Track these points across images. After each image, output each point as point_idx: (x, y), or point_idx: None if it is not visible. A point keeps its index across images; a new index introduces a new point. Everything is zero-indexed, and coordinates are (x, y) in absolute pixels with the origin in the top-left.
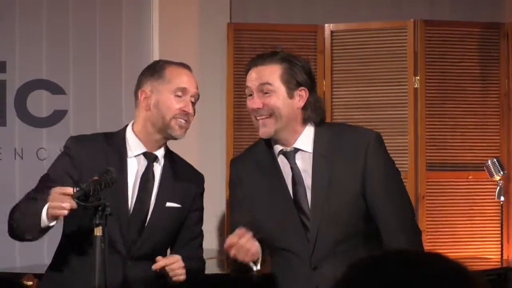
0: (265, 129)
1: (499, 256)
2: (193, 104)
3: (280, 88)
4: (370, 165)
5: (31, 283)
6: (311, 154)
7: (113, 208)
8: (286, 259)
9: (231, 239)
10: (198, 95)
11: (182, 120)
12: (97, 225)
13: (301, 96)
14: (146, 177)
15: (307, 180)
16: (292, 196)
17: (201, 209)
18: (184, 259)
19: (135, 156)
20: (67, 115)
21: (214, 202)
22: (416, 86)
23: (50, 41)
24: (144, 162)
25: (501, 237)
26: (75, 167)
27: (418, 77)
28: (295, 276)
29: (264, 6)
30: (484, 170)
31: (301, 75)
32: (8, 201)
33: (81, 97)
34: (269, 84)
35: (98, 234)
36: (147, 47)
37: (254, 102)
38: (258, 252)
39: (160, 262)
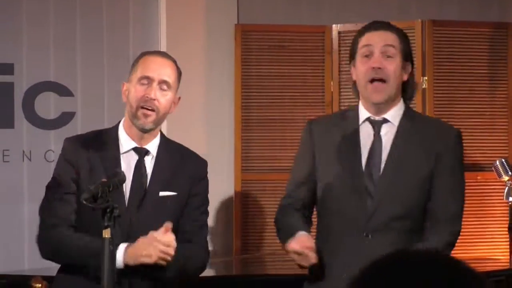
0: (380, 94)
1: (508, 257)
2: (164, 91)
3: (398, 56)
4: (446, 153)
5: (39, 285)
6: (396, 128)
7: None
8: (338, 223)
9: (293, 246)
10: (167, 82)
11: (147, 110)
12: (106, 227)
13: (407, 70)
14: (139, 172)
15: (385, 152)
16: (364, 163)
17: (202, 194)
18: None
19: (126, 152)
20: (75, 117)
21: (221, 204)
22: (424, 86)
23: (57, 43)
24: (135, 157)
25: (510, 237)
26: (74, 169)
27: (426, 78)
28: (345, 240)
29: (271, 7)
30: (493, 170)
31: (410, 49)
32: (17, 203)
33: (89, 99)
34: (393, 47)
35: (106, 236)
36: (155, 48)
37: (375, 61)
38: (315, 255)
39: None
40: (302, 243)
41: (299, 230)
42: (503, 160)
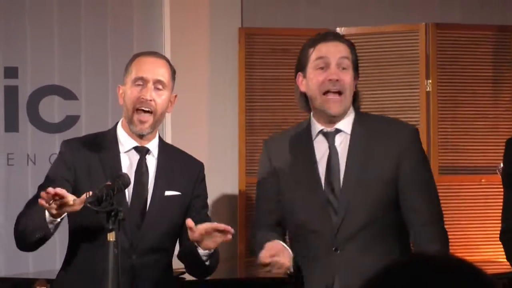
0: (337, 106)
1: None
2: (159, 90)
3: (351, 67)
4: (405, 155)
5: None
6: (349, 136)
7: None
8: (308, 240)
9: (263, 258)
10: (162, 81)
11: (142, 112)
12: (110, 231)
13: (355, 81)
14: (140, 171)
15: (342, 162)
16: (324, 176)
17: (204, 195)
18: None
19: (126, 151)
20: (80, 121)
21: (226, 208)
22: (428, 89)
23: (61, 46)
24: (136, 157)
25: None
26: (69, 170)
27: (430, 81)
28: (315, 256)
29: (275, 11)
30: (497, 173)
31: (357, 59)
32: (21, 207)
33: (93, 102)
34: (348, 59)
35: (111, 239)
36: (159, 51)
37: (332, 73)
38: (290, 259)
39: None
40: (269, 250)
41: (269, 240)
42: None
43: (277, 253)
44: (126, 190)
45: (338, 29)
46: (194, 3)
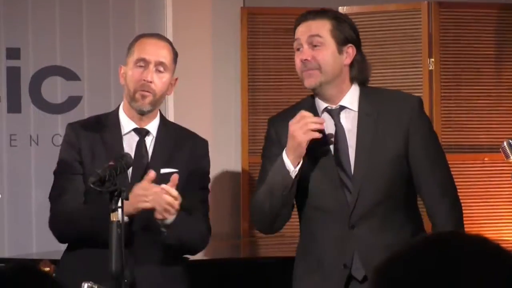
0: (311, 79)
1: None
2: (160, 73)
3: (330, 42)
4: (414, 126)
5: (48, 269)
6: (356, 113)
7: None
8: (322, 219)
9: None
10: (164, 63)
11: (145, 92)
12: (113, 211)
13: (349, 53)
14: (140, 153)
15: (351, 139)
16: (333, 154)
17: (202, 170)
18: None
19: (126, 133)
20: (82, 101)
21: (228, 187)
22: (430, 68)
23: (64, 27)
24: (136, 138)
25: None
26: (77, 153)
27: (433, 59)
28: (330, 235)
29: None
30: (500, 151)
31: (349, 32)
32: (24, 188)
33: (96, 83)
34: (319, 36)
35: (114, 219)
36: (161, 31)
37: (303, 54)
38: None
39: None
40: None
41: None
42: (511, 141)
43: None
44: (128, 172)
45: (340, 8)
46: None
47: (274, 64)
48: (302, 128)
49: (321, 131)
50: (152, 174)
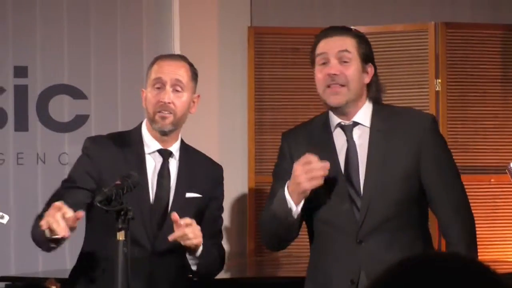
0: (337, 97)
1: None
2: (178, 92)
3: (356, 59)
4: (426, 145)
5: (54, 287)
6: (368, 129)
7: (136, 208)
8: (330, 233)
9: (296, 166)
10: (181, 81)
11: (164, 114)
12: (120, 230)
13: (368, 72)
14: (162, 174)
15: (362, 155)
16: (343, 170)
17: (221, 197)
18: (210, 245)
19: (151, 153)
20: (89, 120)
21: (235, 206)
22: (437, 88)
23: (71, 46)
24: (159, 159)
25: None
26: (94, 167)
27: (440, 80)
28: (338, 250)
29: (284, 10)
30: (506, 173)
31: (369, 50)
32: (31, 206)
33: (103, 101)
34: (348, 51)
35: (120, 238)
36: (168, 51)
37: (332, 68)
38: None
39: (177, 232)
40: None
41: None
42: None
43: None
44: (150, 192)
45: None
46: (203, 2)
47: (281, 83)
48: (308, 174)
49: (332, 145)
50: (175, 216)
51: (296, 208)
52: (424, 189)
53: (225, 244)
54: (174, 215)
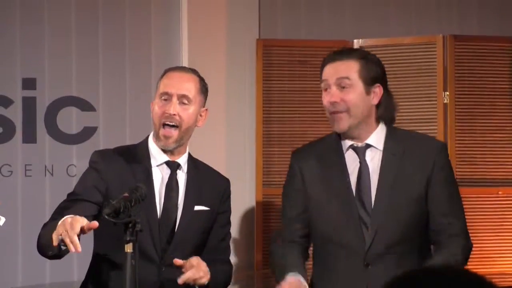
0: (340, 124)
1: None
2: (184, 105)
3: (357, 84)
4: (436, 170)
5: None
6: (381, 152)
7: (143, 221)
8: (338, 255)
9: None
10: (187, 94)
11: (167, 126)
12: (128, 242)
13: (376, 93)
14: (170, 186)
15: (374, 177)
16: (354, 191)
17: (228, 211)
18: (211, 262)
19: (159, 165)
20: (97, 132)
21: (243, 219)
22: (445, 101)
23: (79, 58)
24: (167, 171)
25: None
26: (102, 181)
27: (448, 92)
28: (345, 272)
29: (293, 22)
30: None
31: (376, 70)
32: (39, 218)
33: (111, 113)
34: (348, 78)
35: (128, 251)
36: (176, 63)
37: (331, 96)
38: None
39: (185, 275)
40: (289, 284)
41: (291, 271)
42: None
43: None
44: (157, 205)
45: (355, 41)
46: (212, 14)
47: (289, 96)
48: None
49: (344, 167)
50: (178, 262)
51: None
52: (429, 215)
53: (232, 256)
54: (176, 261)
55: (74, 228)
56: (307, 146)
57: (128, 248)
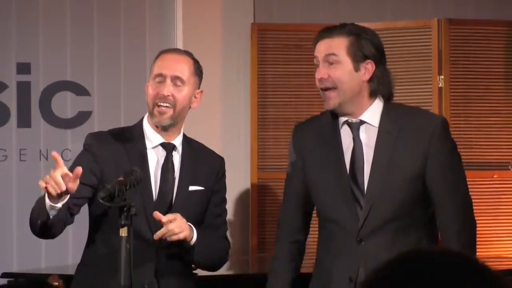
0: (329, 102)
1: None
2: (178, 86)
3: (345, 60)
4: (433, 149)
5: (56, 283)
6: (376, 129)
7: (139, 204)
8: (332, 231)
9: None
10: (181, 76)
11: (162, 106)
12: (123, 226)
13: (367, 69)
14: (166, 168)
15: (368, 154)
16: (348, 169)
17: (223, 189)
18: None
19: (154, 147)
20: (92, 116)
21: (238, 203)
22: (440, 85)
23: (74, 42)
24: (163, 153)
25: None
26: (97, 163)
27: (443, 76)
28: (339, 248)
29: (288, 6)
30: (509, 169)
31: (368, 47)
32: (34, 203)
33: (106, 98)
34: (335, 55)
35: (123, 235)
36: (171, 47)
37: (319, 72)
38: None
39: (160, 230)
40: None
41: None
42: None
43: None
44: (153, 187)
45: None
46: None
47: (284, 80)
48: None
49: (339, 143)
50: (158, 215)
51: None
52: (429, 191)
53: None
54: (156, 214)
55: (54, 172)
56: (307, 121)
57: (123, 232)
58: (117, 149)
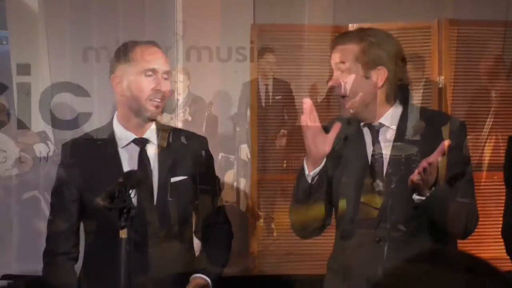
0: (344, 110)
1: None
2: (166, 80)
3: (355, 68)
4: (449, 150)
5: None
6: (394, 131)
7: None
8: (351, 229)
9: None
10: (169, 71)
11: (157, 100)
12: (122, 228)
13: (380, 75)
14: (143, 164)
15: (386, 156)
16: (369, 167)
17: (209, 169)
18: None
19: (125, 146)
20: (92, 118)
21: (237, 204)
22: (440, 86)
23: (73, 43)
24: (136, 149)
25: None
26: (73, 176)
27: (443, 77)
28: (360, 244)
29: (288, 7)
30: None
31: (380, 53)
32: (33, 204)
33: (105, 99)
34: (343, 63)
35: (123, 236)
36: (172, 49)
37: (332, 79)
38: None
39: None
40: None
41: None
42: None
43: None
44: None
45: (350, 26)
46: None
47: (284, 80)
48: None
49: (362, 142)
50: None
51: (308, 172)
52: None
53: None
54: None
55: None
56: (334, 119)
57: (123, 233)
58: (90, 155)
